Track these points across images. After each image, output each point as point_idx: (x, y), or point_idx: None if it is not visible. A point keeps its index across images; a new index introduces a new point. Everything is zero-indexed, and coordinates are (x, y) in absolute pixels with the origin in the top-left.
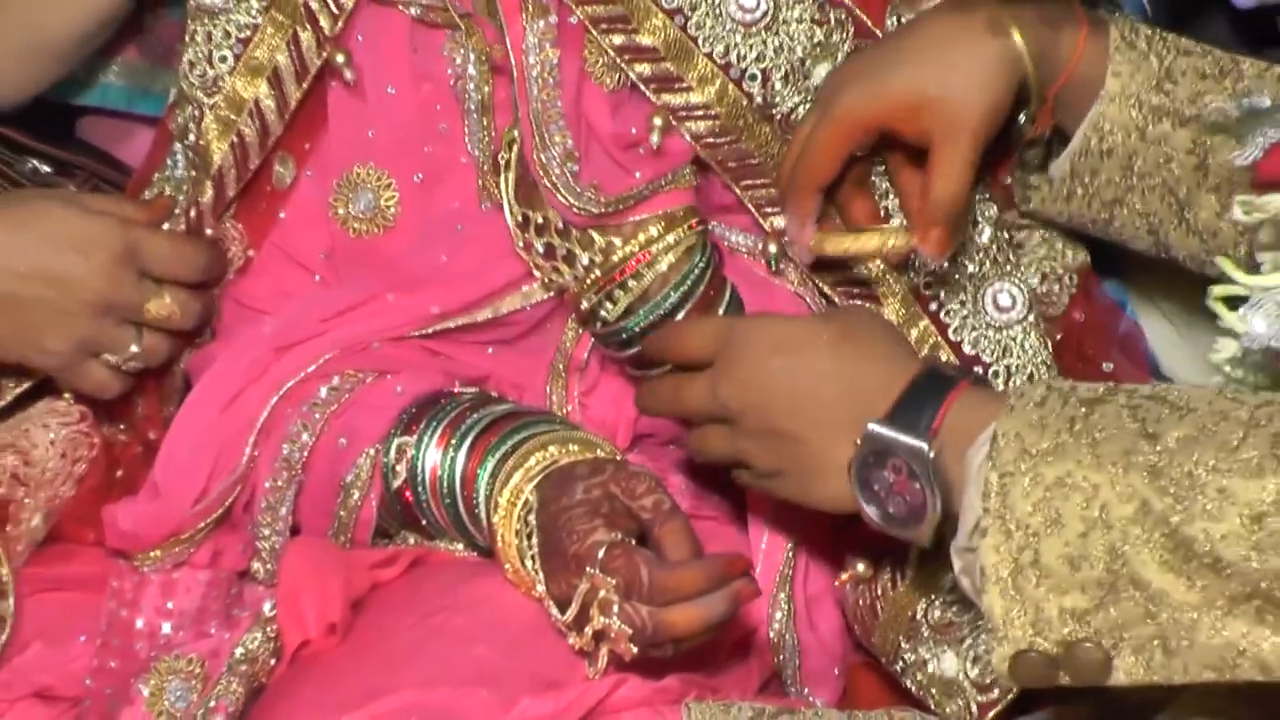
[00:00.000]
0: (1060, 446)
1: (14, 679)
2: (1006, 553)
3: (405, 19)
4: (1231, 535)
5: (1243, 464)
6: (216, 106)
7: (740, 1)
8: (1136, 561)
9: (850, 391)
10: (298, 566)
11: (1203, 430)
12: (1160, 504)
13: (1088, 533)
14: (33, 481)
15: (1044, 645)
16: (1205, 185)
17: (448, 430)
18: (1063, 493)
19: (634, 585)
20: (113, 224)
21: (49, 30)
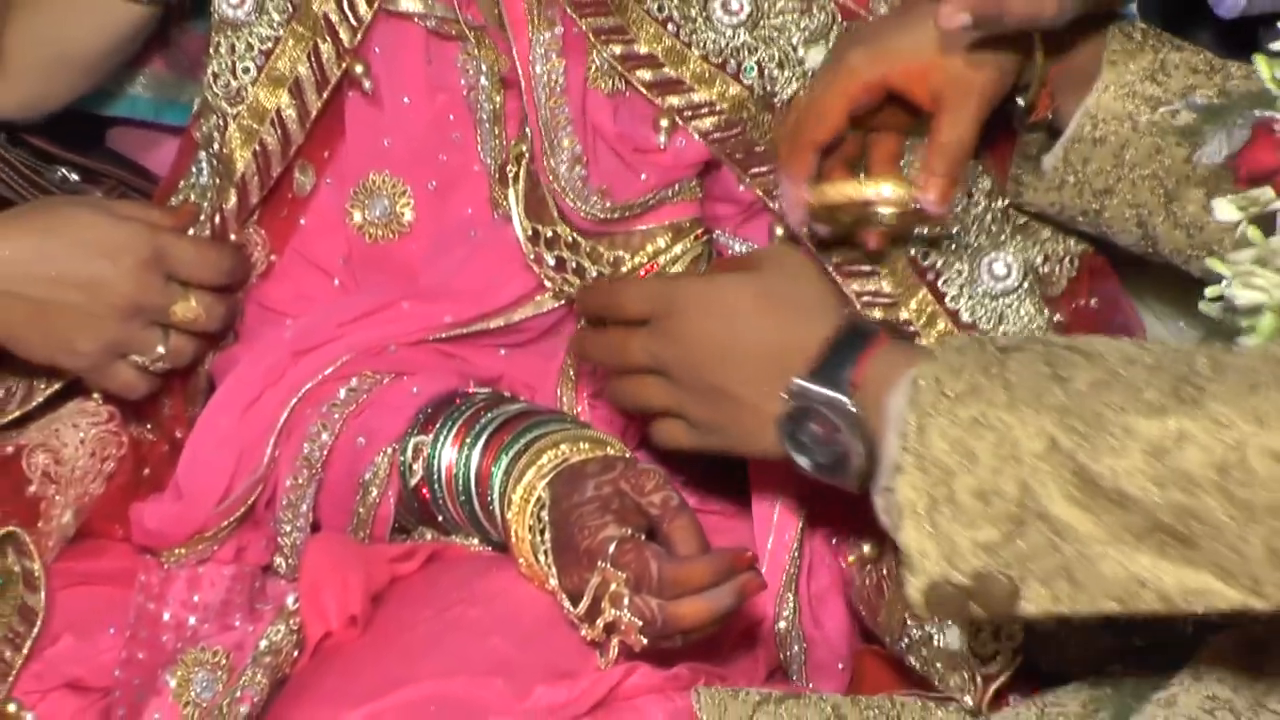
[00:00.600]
0: (975, 388)
1: (46, 670)
2: (922, 488)
3: (421, 31)
4: (1134, 470)
5: (1146, 404)
6: (240, 116)
7: (726, 6)
8: (1044, 496)
9: (777, 347)
10: (319, 561)
11: (1111, 374)
12: (1068, 441)
13: (999, 469)
14: (63, 479)
15: (956, 577)
16: (1194, 179)
17: (463, 429)
18: (976, 431)
19: (644, 579)
20: (140, 229)
21: (77, 44)
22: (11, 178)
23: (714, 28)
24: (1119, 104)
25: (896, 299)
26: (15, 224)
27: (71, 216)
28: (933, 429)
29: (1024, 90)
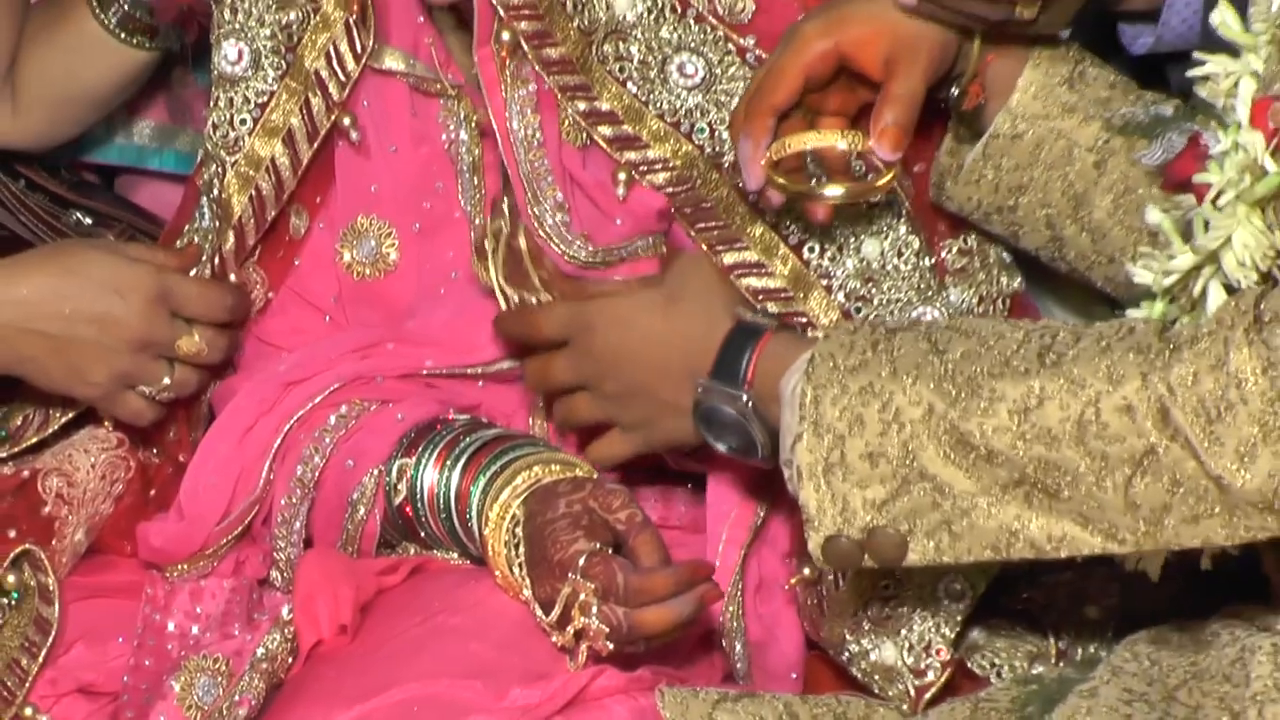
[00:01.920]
0: (864, 363)
1: (60, 676)
2: (818, 453)
3: (405, 87)
4: (1001, 429)
5: (1012, 369)
6: (237, 164)
7: (682, 69)
8: (924, 457)
9: (682, 348)
10: (311, 574)
11: (983, 345)
12: (943, 405)
13: (885, 433)
14: (75, 500)
15: (850, 531)
16: (1101, 185)
17: (443, 452)
18: (864, 399)
19: (611, 589)
20: (148, 270)
21: (85, 83)
22: (31, 221)
23: (670, 89)
24: (1037, 104)
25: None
26: (35, 265)
27: (85, 258)
28: (826, 398)
29: (959, 79)
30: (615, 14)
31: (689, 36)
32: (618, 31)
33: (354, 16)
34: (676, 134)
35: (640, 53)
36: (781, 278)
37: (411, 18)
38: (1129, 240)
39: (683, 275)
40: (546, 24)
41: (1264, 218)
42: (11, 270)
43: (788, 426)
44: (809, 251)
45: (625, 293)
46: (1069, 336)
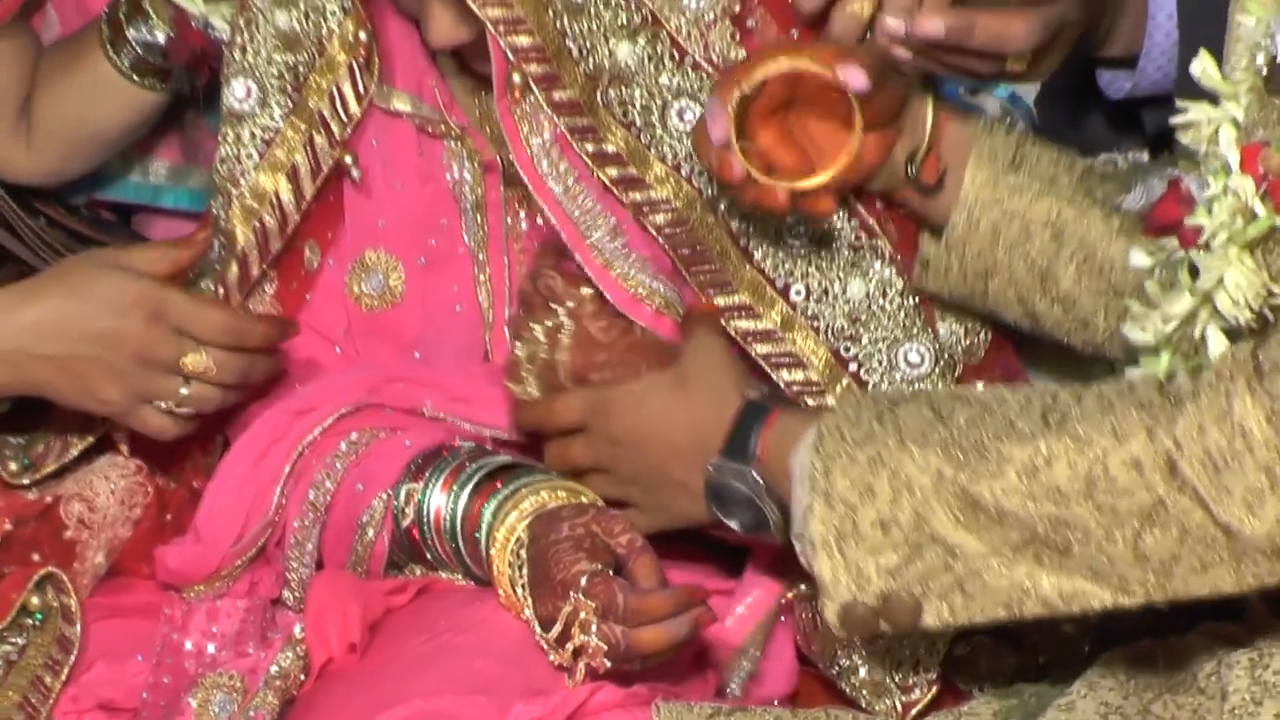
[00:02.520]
0: (870, 434)
1: (81, 694)
2: (830, 523)
3: (412, 128)
4: (1010, 490)
5: (1018, 432)
6: (242, 196)
7: (681, 115)
8: (936, 521)
9: (693, 430)
10: (322, 594)
11: (986, 410)
12: (952, 471)
13: (896, 500)
14: (96, 525)
15: (865, 598)
16: (1062, 256)
17: (450, 478)
18: (873, 469)
19: (611, 608)
20: (149, 286)
21: (98, 122)
22: (51, 257)
23: (670, 133)
24: (987, 191)
25: (823, 387)
26: (41, 290)
27: (89, 277)
28: (835, 470)
29: (914, 156)
30: (618, 61)
31: (687, 83)
32: (620, 78)
33: (359, 60)
34: (677, 176)
35: (642, 98)
36: (770, 320)
37: (417, 61)
38: (1098, 304)
39: (693, 357)
40: (554, 67)
41: (1254, 259)
42: (19, 296)
43: (799, 500)
44: (796, 294)
45: (636, 377)
46: (1070, 397)
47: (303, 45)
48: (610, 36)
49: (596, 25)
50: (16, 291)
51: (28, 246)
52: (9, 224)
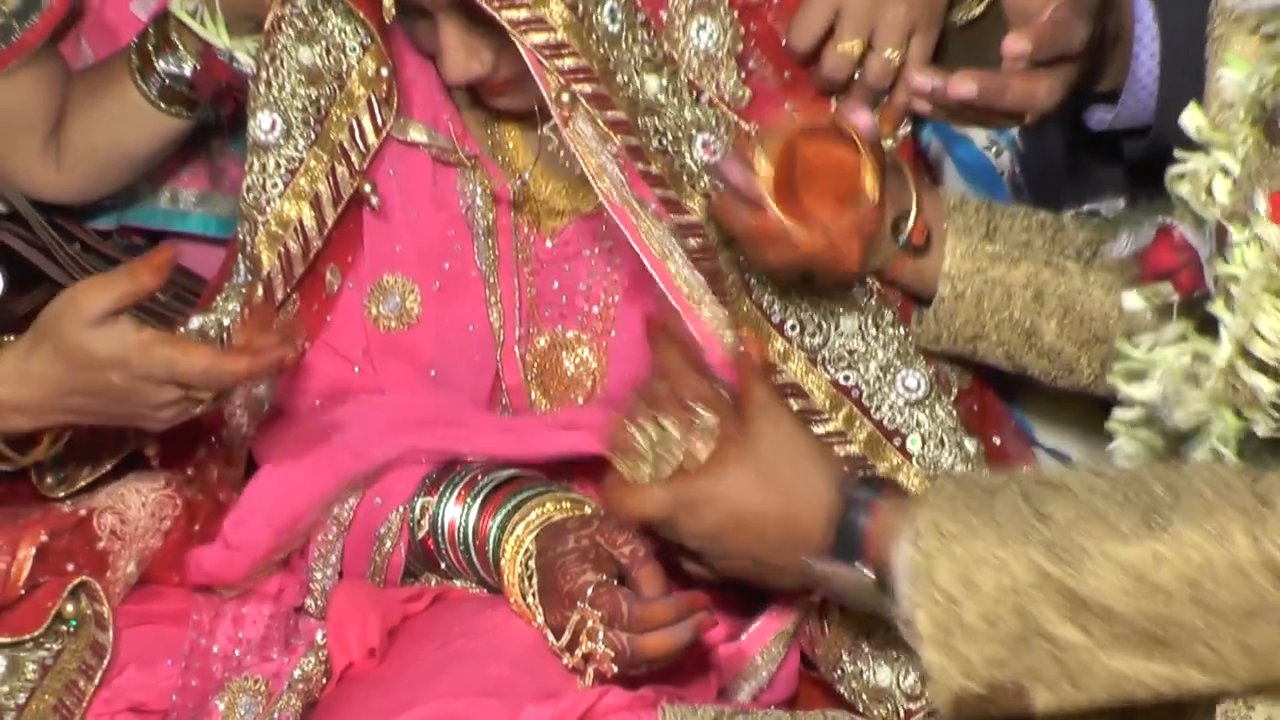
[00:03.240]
0: (970, 529)
1: (114, 696)
2: (936, 617)
3: (428, 158)
4: (1116, 589)
5: (1122, 535)
6: (268, 223)
7: (706, 146)
8: (1042, 618)
9: (787, 523)
10: (343, 603)
11: (1085, 508)
12: (1057, 571)
13: (1000, 598)
14: (127, 536)
15: (973, 688)
16: (1044, 313)
17: (463, 491)
18: (977, 567)
19: (616, 617)
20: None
21: (125, 146)
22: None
23: (695, 161)
24: (968, 263)
25: (827, 416)
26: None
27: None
28: (939, 567)
29: (903, 221)
30: (648, 93)
31: (706, 117)
32: (651, 109)
33: (378, 94)
34: (705, 203)
35: (671, 130)
36: (771, 352)
37: (433, 95)
38: (1080, 352)
39: (773, 440)
40: (602, 87)
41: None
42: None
43: (904, 594)
44: (791, 329)
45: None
46: (1167, 494)
47: (325, 80)
48: (641, 70)
49: (629, 57)
50: (22, 350)
51: (63, 269)
52: (46, 249)
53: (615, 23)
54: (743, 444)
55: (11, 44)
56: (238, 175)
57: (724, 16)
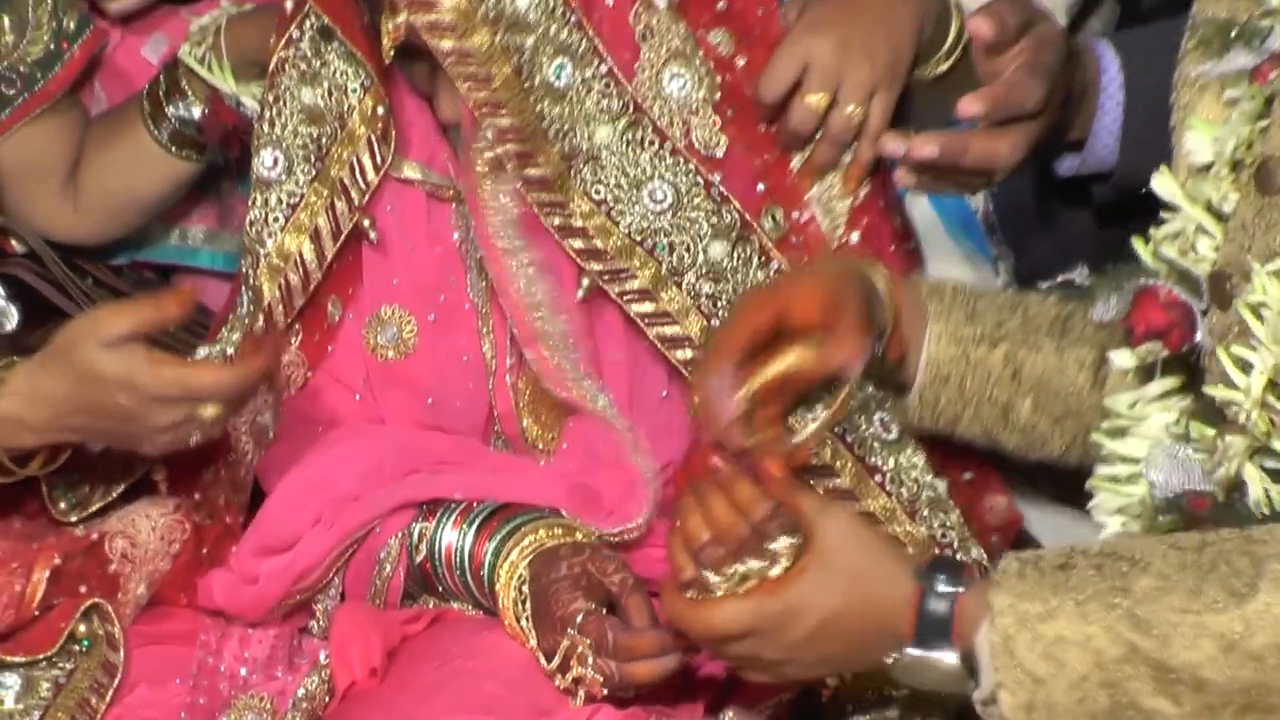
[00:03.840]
0: (1049, 607)
1: (125, 714)
2: (1022, 697)
3: (423, 194)
4: (1208, 661)
5: (1208, 604)
6: (269, 256)
7: (653, 195)
8: (1132, 691)
9: (872, 620)
10: (345, 624)
11: (1165, 580)
12: (1146, 643)
13: (1088, 675)
14: (138, 559)
15: None
16: (1020, 391)
17: (459, 518)
18: (1061, 645)
19: (603, 645)
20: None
21: (137, 188)
22: None
23: (640, 210)
24: (950, 348)
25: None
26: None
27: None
28: (1020, 648)
29: (880, 338)
30: (595, 143)
31: (663, 166)
32: (597, 159)
33: (377, 132)
34: (640, 249)
35: (615, 176)
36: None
37: (429, 134)
38: (1054, 426)
39: (842, 543)
40: (529, 146)
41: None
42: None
43: (985, 676)
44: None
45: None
46: (1246, 561)
47: (326, 119)
48: (590, 121)
49: (577, 110)
50: (32, 369)
51: (76, 303)
52: (60, 284)
53: (562, 79)
54: (816, 551)
55: (35, 92)
56: (244, 214)
57: (699, 67)
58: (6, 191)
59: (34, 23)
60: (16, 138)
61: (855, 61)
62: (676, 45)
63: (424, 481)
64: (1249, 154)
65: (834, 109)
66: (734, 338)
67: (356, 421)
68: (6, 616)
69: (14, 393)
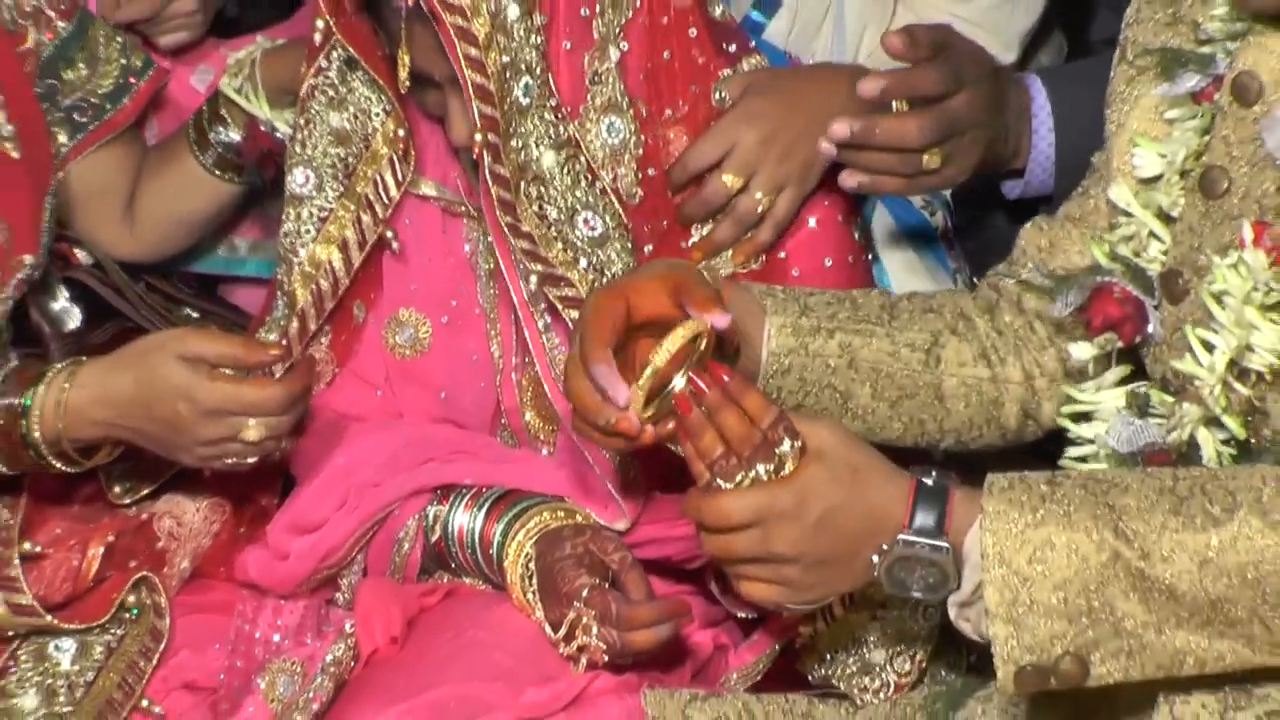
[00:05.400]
0: (1040, 519)
1: (170, 675)
2: (1007, 595)
3: (438, 210)
4: (1183, 574)
5: (1187, 522)
6: (302, 264)
7: (587, 222)
8: (1110, 595)
9: (869, 513)
10: (369, 597)
11: (1147, 499)
12: (1128, 553)
13: (1071, 578)
14: (182, 537)
15: (1038, 662)
16: (857, 379)
17: (470, 501)
18: (1049, 549)
19: (606, 616)
20: (202, 385)
21: (189, 211)
22: (151, 315)
23: (575, 232)
24: (789, 340)
25: None
26: (120, 368)
27: (158, 367)
28: (1009, 548)
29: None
30: (543, 166)
31: (595, 200)
32: (540, 179)
33: (398, 153)
34: (577, 267)
35: (556, 198)
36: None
37: (443, 155)
38: (891, 409)
39: (835, 445)
40: (501, 141)
41: (1268, 319)
42: (105, 372)
43: (971, 574)
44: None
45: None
46: (1220, 492)
47: (352, 140)
48: (540, 143)
49: (532, 128)
50: (104, 367)
51: (133, 306)
52: (117, 288)
53: (527, 96)
54: (816, 451)
55: (104, 122)
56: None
57: (630, 123)
58: (75, 216)
59: (104, 59)
60: (86, 163)
61: (774, 157)
62: (615, 98)
63: (438, 469)
64: (1196, 164)
65: (744, 193)
66: (600, 328)
67: (377, 415)
68: (65, 588)
69: (83, 385)
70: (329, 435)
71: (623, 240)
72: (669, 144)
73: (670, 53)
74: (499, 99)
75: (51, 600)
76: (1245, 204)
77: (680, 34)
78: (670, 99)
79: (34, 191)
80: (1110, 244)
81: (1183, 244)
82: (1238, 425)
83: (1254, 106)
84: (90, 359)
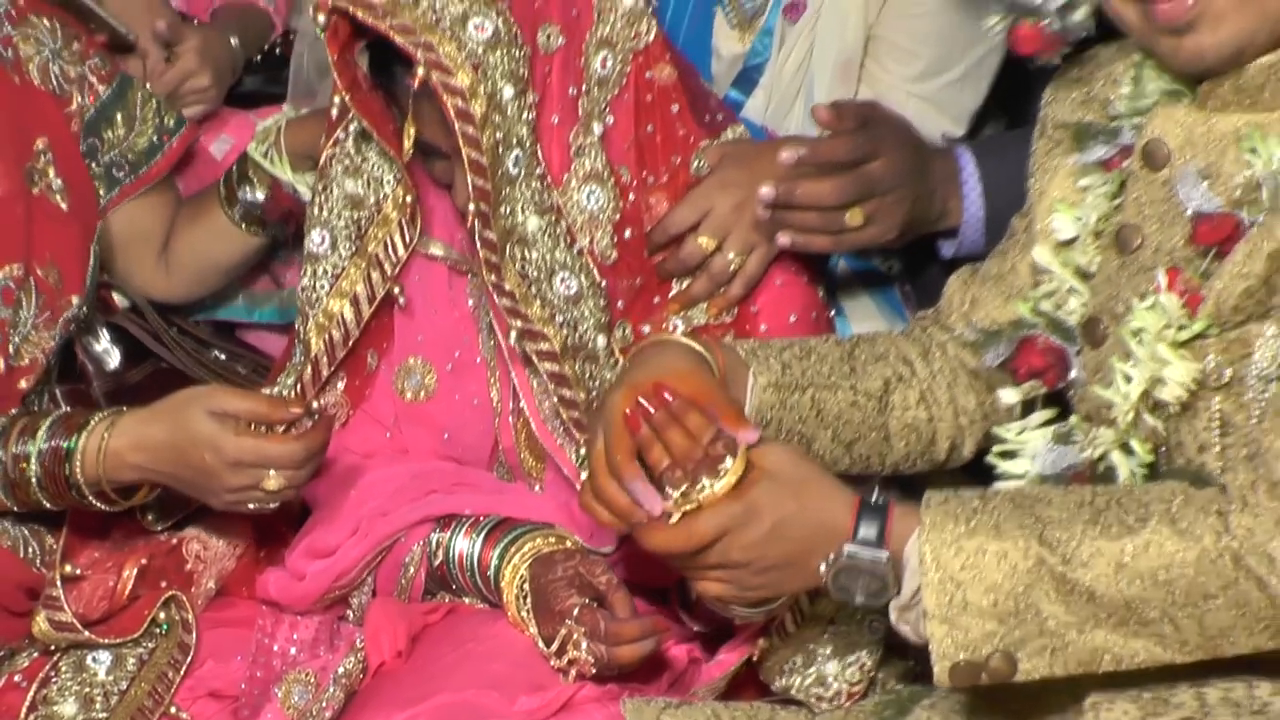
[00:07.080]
0: (971, 526)
1: (196, 684)
2: (944, 597)
3: (445, 268)
4: (1101, 577)
5: (1104, 530)
6: (316, 315)
7: (564, 282)
8: (1036, 596)
9: (817, 524)
10: (377, 614)
11: (1068, 511)
12: (1051, 559)
13: (1001, 582)
14: (209, 559)
15: (971, 658)
16: (822, 426)
17: (469, 529)
18: (980, 556)
19: (595, 632)
20: (230, 440)
21: (216, 257)
22: (183, 356)
23: (553, 292)
24: (771, 396)
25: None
26: (159, 418)
27: (192, 421)
28: (946, 556)
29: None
30: (527, 230)
31: (573, 261)
32: (525, 242)
33: (406, 216)
34: (554, 323)
35: (537, 259)
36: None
37: (450, 218)
38: (845, 450)
39: (781, 460)
40: (490, 210)
41: (1179, 354)
42: (144, 421)
43: (911, 580)
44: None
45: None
46: (1133, 505)
47: (365, 205)
48: (526, 208)
49: (520, 195)
50: (142, 418)
51: (167, 348)
52: (153, 332)
53: (516, 167)
54: (763, 467)
55: (140, 175)
56: (294, 278)
57: (610, 190)
58: (115, 259)
59: (140, 118)
60: (124, 212)
61: (746, 221)
62: (598, 169)
63: (440, 500)
64: (1108, 225)
65: (718, 254)
66: (624, 439)
67: (386, 452)
68: (102, 606)
69: (122, 433)
70: (343, 470)
71: (595, 299)
72: (650, 209)
73: (653, 126)
74: (491, 172)
75: (90, 617)
76: (1158, 256)
77: (663, 109)
78: (653, 167)
79: (81, 239)
80: (1034, 300)
81: (1101, 294)
82: (1145, 450)
83: (1162, 170)
84: (130, 410)
